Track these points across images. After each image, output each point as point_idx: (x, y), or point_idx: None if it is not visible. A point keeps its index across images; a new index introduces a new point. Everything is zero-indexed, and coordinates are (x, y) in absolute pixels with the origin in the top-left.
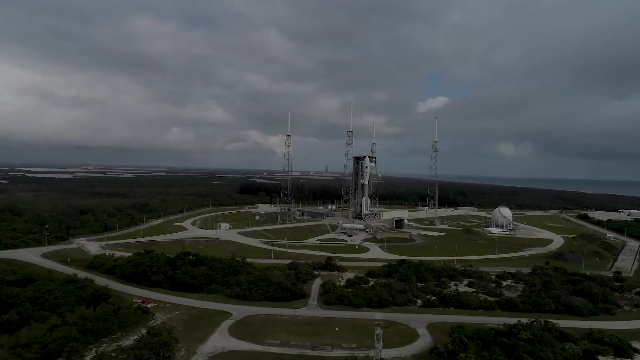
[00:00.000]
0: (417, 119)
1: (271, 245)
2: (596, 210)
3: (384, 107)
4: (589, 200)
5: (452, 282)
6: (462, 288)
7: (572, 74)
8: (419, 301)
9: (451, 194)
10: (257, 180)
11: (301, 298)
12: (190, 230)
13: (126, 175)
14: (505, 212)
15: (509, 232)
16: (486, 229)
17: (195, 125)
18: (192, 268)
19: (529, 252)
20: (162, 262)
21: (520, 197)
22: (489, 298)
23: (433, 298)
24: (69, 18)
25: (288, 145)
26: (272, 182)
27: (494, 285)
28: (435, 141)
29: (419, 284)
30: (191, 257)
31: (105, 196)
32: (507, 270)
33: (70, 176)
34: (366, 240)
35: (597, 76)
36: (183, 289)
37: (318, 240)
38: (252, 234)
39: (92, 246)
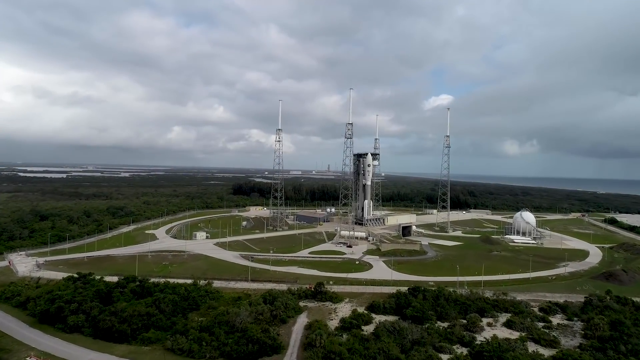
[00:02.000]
0: (420, 117)
1: (251, 261)
2: (620, 212)
3: (387, 104)
4: (606, 201)
5: (485, 321)
6: (500, 330)
7: (581, 70)
8: (445, 358)
9: (461, 195)
10: (257, 179)
11: (274, 354)
12: (160, 240)
13: (122, 175)
14: (528, 217)
15: (534, 241)
16: (507, 237)
17: (196, 124)
18: (129, 303)
19: (567, 269)
20: (90, 294)
21: (532, 198)
22: (543, 352)
23: (464, 353)
24: (65, 15)
25: (279, 141)
26: (272, 181)
27: (541, 325)
28: (447, 136)
29: (439, 323)
30: (136, 284)
31: (85, 197)
32: (551, 300)
33: (64, 175)
34: (368, 252)
35: (608, 72)
36: (109, 337)
37: (310, 253)
38: (232, 246)
39: (25, 264)
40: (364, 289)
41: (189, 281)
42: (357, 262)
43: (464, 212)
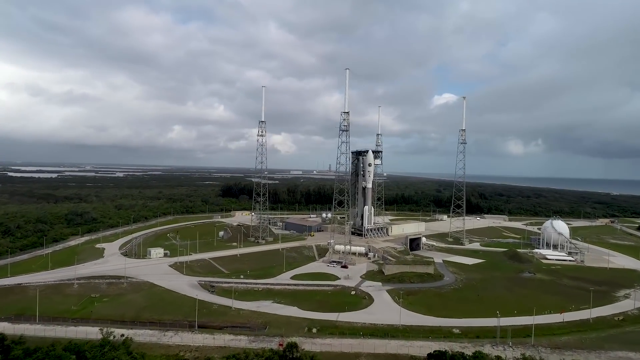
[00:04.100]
0: (423, 115)
1: (212, 293)
2: None
3: (389, 103)
4: (630, 205)
5: None
6: None
7: (591, 67)
8: None
9: (472, 198)
10: (254, 179)
11: None
12: (105, 258)
13: (117, 175)
14: (561, 226)
15: (571, 258)
16: (537, 251)
17: (196, 123)
18: None
19: (634, 303)
20: None
21: (547, 201)
22: None
23: None
24: (58, 10)
25: (262, 135)
26: (270, 182)
27: None
28: (463, 130)
29: None
30: None
31: (55, 200)
32: None
33: (55, 175)
34: (368, 276)
35: (620, 67)
36: None
37: (294, 277)
38: (193, 268)
39: None
40: (361, 345)
41: (107, 330)
42: (352, 293)
43: (478, 218)
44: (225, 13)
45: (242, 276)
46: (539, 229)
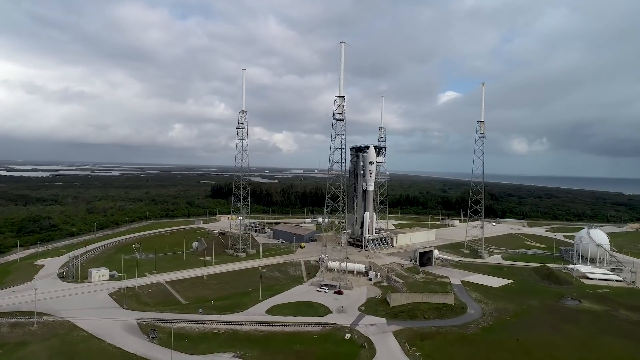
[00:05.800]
0: (428, 113)
1: (150, 339)
2: None
3: (392, 100)
4: None
5: None
6: None
7: (606, 60)
8: None
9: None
10: (253, 178)
11: None
12: (33, 282)
13: (113, 174)
14: (599, 236)
15: (619, 277)
16: (573, 267)
17: (197, 122)
18: None
19: None
20: None
21: (563, 202)
22: None
23: None
24: (54, 6)
25: (242, 128)
26: (269, 181)
27: None
28: (482, 122)
29: None
30: None
31: (24, 203)
32: None
33: (48, 174)
34: (369, 307)
35: (638, 61)
36: None
37: (271, 309)
38: (138, 297)
39: None
40: None
41: None
42: (347, 336)
43: (494, 224)
44: (224, 7)
45: (201, 310)
46: (565, 236)
